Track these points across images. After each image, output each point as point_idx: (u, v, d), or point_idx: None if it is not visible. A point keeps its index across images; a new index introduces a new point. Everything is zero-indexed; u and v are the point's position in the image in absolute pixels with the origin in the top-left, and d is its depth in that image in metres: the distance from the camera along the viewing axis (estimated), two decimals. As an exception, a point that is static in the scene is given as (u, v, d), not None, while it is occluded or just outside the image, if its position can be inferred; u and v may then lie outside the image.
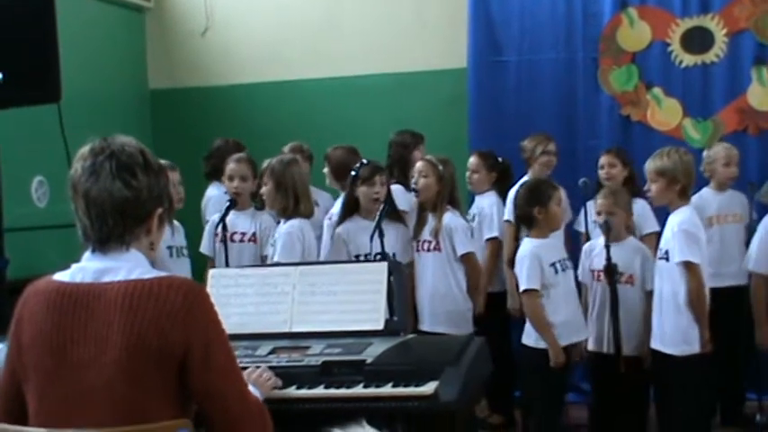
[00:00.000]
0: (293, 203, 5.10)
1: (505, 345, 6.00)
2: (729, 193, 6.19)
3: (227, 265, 5.26)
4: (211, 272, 3.52)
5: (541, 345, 4.90)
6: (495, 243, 6.12)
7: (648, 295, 5.06)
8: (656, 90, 6.93)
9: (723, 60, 6.82)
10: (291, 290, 3.36)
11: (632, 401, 5.10)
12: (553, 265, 4.93)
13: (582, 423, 5.60)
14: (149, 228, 2.41)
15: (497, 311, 5.96)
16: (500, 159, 6.37)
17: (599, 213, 5.20)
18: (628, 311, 5.03)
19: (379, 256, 4.89)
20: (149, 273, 2.36)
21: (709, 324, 4.88)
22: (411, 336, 3.23)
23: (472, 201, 6.47)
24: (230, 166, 5.64)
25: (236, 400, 2.38)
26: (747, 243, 5.99)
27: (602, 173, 6.15)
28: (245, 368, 2.84)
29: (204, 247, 5.67)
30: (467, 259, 5.38)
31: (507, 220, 5.96)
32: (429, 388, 2.85)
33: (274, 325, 3.32)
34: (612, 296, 4.96)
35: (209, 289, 3.42)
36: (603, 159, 6.17)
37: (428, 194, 5.37)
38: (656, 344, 4.92)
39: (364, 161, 5.41)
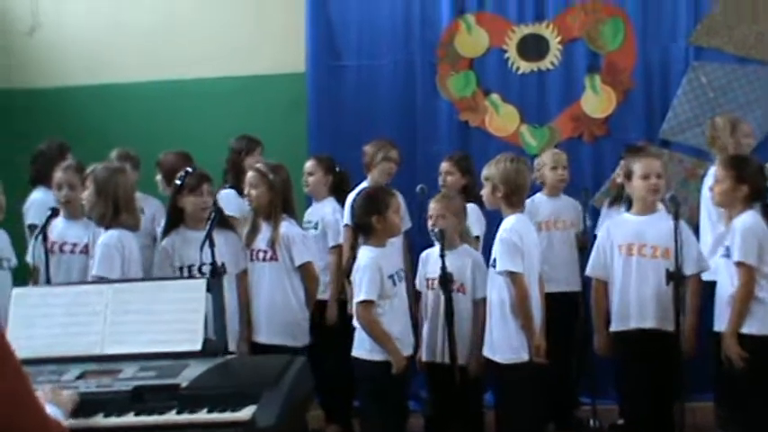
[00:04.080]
0: (112, 212, 4.92)
1: (344, 353, 5.94)
2: (562, 199, 6.27)
3: (47, 277, 4.97)
4: (15, 291, 3.28)
5: (376, 357, 4.81)
6: (339, 250, 6.04)
7: (478, 303, 5.07)
8: (494, 96, 6.99)
9: (558, 68, 6.93)
10: (104, 309, 3.16)
11: (467, 410, 5.07)
12: (391, 276, 4.87)
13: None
14: None
15: (341, 319, 5.92)
16: (337, 168, 6.30)
17: (430, 218, 5.16)
18: (461, 320, 5.00)
19: (209, 267, 4.70)
20: None
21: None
22: (230, 356, 3.08)
23: (308, 205, 6.38)
24: (58, 175, 5.39)
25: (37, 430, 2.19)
26: (582, 249, 6.08)
27: (440, 179, 6.14)
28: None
29: (30, 257, 5.27)
30: (305, 269, 5.27)
31: (346, 225, 5.91)
32: (246, 413, 2.72)
33: (84, 347, 3.11)
34: (447, 305, 4.91)
35: (11, 310, 3.20)
36: (443, 166, 6.17)
37: (260, 203, 5.23)
38: (486, 351, 4.92)
39: (189, 170, 5.23)
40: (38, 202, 6.04)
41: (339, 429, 6.16)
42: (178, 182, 5.14)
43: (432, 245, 5.18)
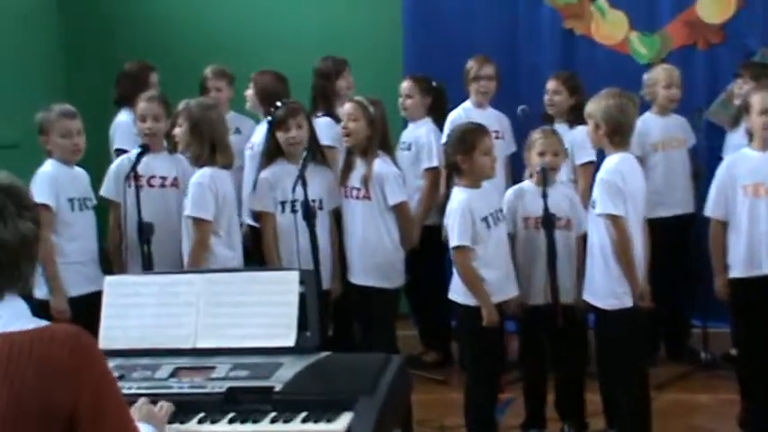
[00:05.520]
0: (209, 151, 4.83)
1: (440, 279, 5.81)
2: (672, 116, 5.95)
3: (139, 213, 4.87)
4: (107, 280, 3.19)
5: (471, 302, 4.66)
6: (433, 173, 5.84)
7: (579, 240, 4.85)
8: (601, 1, 6.60)
9: (671, -32, 6.49)
10: (196, 300, 3.06)
11: (570, 349, 4.93)
12: (485, 219, 4.65)
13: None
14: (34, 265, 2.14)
15: (437, 245, 5.75)
16: (434, 84, 6.03)
17: (542, 154, 4.87)
18: (561, 259, 4.78)
19: (302, 207, 4.59)
20: (29, 323, 2.06)
21: (655, 253, 4.70)
22: (324, 354, 2.96)
23: (404, 127, 6.16)
24: (141, 105, 5.22)
25: None
26: (696, 174, 5.80)
27: (546, 98, 5.86)
28: (139, 396, 2.57)
29: (108, 191, 5.15)
30: (399, 209, 5.10)
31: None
32: (341, 425, 2.61)
33: (177, 339, 3.02)
34: (550, 246, 4.71)
35: (104, 299, 3.13)
36: (550, 84, 5.86)
37: (358, 139, 5.04)
38: (587, 295, 4.73)
39: (278, 104, 5.06)
40: (123, 125, 5.95)
41: (438, 356, 6.05)
42: (270, 118, 5.03)
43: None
